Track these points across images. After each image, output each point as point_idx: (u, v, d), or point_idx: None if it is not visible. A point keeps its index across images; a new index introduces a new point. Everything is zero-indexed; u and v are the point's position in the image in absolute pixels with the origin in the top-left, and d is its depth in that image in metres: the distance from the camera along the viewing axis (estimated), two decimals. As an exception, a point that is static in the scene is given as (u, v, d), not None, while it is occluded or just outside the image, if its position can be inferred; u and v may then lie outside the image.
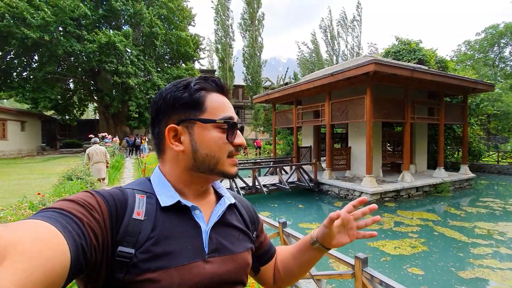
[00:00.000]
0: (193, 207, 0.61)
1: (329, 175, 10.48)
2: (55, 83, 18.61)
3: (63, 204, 0.46)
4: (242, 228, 0.69)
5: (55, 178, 7.16)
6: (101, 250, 0.47)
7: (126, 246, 0.51)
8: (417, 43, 15.32)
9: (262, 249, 0.79)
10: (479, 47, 31.22)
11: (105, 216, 0.50)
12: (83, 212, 0.46)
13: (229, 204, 0.68)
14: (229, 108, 0.65)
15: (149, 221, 0.55)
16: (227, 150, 0.62)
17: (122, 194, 0.56)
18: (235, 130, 0.64)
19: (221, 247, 0.61)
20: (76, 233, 0.42)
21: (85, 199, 0.49)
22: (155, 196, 0.59)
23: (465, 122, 11.92)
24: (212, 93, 0.64)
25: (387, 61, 9.07)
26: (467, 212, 7.84)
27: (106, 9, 19.03)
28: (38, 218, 0.41)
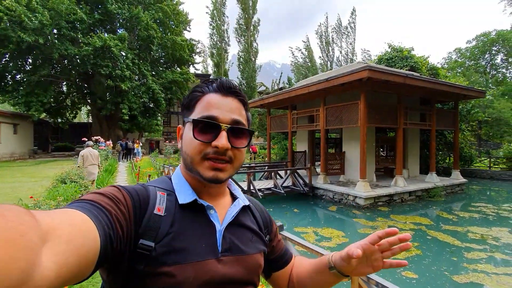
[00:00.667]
0: (209, 206, 0.63)
1: (324, 180, 10.53)
2: (48, 86, 18.39)
3: (94, 197, 0.49)
4: (255, 229, 0.70)
5: (47, 181, 7.04)
6: (125, 241, 0.50)
7: (147, 239, 0.53)
8: (409, 51, 15.63)
9: (275, 253, 0.78)
10: (470, 54, 31.98)
11: (130, 210, 0.53)
12: (111, 204, 0.50)
13: (243, 205, 0.70)
14: (216, 107, 0.62)
15: (168, 217, 0.57)
16: (201, 150, 0.60)
17: (145, 191, 0.60)
18: (210, 130, 0.60)
19: (234, 247, 0.62)
20: (105, 223, 0.45)
21: (113, 192, 0.53)
22: (174, 194, 0.62)
23: (456, 128, 12.16)
24: (209, 94, 0.64)
25: (380, 67, 9.23)
26: (460, 217, 7.94)
27: (102, 12, 18.99)
28: (73, 207, 0.44)
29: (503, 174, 14.86)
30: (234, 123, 0.62)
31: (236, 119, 0.63)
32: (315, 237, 6.40)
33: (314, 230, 6.89)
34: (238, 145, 0.63)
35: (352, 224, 7.59)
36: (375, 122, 9.32)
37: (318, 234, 6.64)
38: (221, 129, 0.60)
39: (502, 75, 31.73)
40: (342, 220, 8.09)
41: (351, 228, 7.20)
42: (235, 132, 0.62)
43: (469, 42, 32.35)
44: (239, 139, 0.63)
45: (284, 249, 0.81)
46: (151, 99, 21.49)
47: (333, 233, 6.66)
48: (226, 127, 0.61)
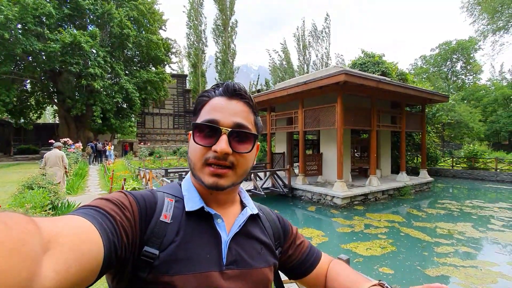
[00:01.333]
0: (216, 215, 0.60)
1: (303, 181, 10.74)
2: (11, 85, 17.01)
3: (100, 203, 0.48)
4: (265, 241, 0.66)
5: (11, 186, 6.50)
6: (130, 248, 0.49)
7: (152, 247, 0.52)
8: (380, 57, 16.43)
9: (292, 261, 0.73)
10: (433, 61, 34.35)
11: (136, 216, 0.52)
12: (117, 211, 0.48)
13: (251, 214, 0.65)
14: (218, 111, 0.60)
15: (174, 225, 0.56)
16: (202, 156, 0.58)
17: (153, 197, 0.58)
18: (211, 134, 0.58)
19: (240, 259, 0.59)
20: (110, 230, 0.44)
21: (119, 198, 0.52)
22: (183, 200, 0.60)
23: (423, 130, 12.98)
24: (215, 98, 0.62)
25: (356, 72, 9.62)
26: (428, 214, 8.47)
27: (71, 7, 17.96)
28: (77, 214, 0.43)
29: (464, 173, 16.07)
30: (236, 126, 0.59)
31: (239, 123, 0.59)
32: (295, 238, 6.49)
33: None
34: (240, 150, 0.58)
35: (330, 223, 7.80)
36: (350, 124, 9.68)
37: (298, 234, 6.74)
38: (221, 133, 0.57)
39: (461, 81, 34.40)
40: (321, 220, 8.30)
41: (330, 228, 7.40)
42: (237, 136, 0.59)
43: (433, 50, 34.74)
44: (242, 143, 0.59)
45: (306, 253, 0.74)
46: (124, 99, 20.64)
47: (313, 233, 6.80)
48: (227, 130, 0.58)
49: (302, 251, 0.74)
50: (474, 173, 15.64)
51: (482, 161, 16.11)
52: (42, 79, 19.39)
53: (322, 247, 5.92)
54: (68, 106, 18.89)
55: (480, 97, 29.77)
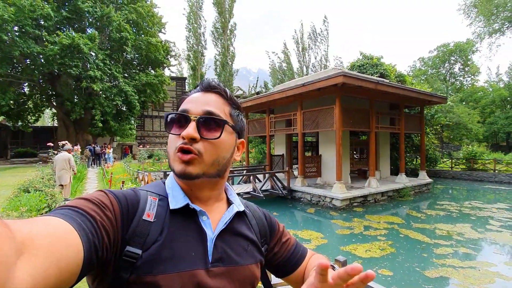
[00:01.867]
0: (201, 212, 0.59)
1: (302, 183, 10.71)
2: (8, 87, 16.99)
3: (79, 203, 0.47)
4: (252, 238, 0.65)
5: (6, 190, 6.46)
6: (111, 249, 0.48)
7: (134, 247, 0.51)
8: (379, 58, 16.50)
9: (278, 259, 0.72)
10: (432, 63, 34.50)
11: (117, 215, 0.51)
12: (97, 210, 0.47)
13: (237, 211, 0.65)
14: (190, 102, 0.61)
15: (158, 224, 0.54)
16: (174, 144, 0.58)
17: (135, 195, 0.57)
18: (182, 123, 0.59)
19: (226, 256, 0.58)
20: (89, 231, 0.43)
21: (99, 198, 0.50)
22: (167, 199, 0.59)
23: (422, 131, 12.99)
24: (194, 93, 0.64)
25: (354, 73, 9.64)
26: (427, 215, 8.45)
27: (70, 10, 17.99)
28: (55, 215, 0.41)
29: (463, 174, 16.07)
30: (205, 113, 0.59)
31: (209, 110, 0.59)
32: (294, 240, 6.46)
33: (294, 233, 6.96)
34: (207, 136, 0.58)
35: (329, 225, 7.77)
36: (349, 126, 9.68)
37: (297, 236, 6.71)
38: (190, 120, 0.58)
39: (460, 83, 34.55)
40: (320, 221, 8.27)
41: (329, 229, 7.37)
42: (205, 122, 0.58)
43: (431, 52, 34.90)
44: (210, 130, 0.58)
45: (291, 250, 0.73)
46: (124, 102, 20.62)
47: (312, 235, 6.77)
48: (195, 117, 0.58)
49: (288, 249, 0.74)
50: (473, 174, 15.65)
51: (481, 162, 16.12)
52: (40, 82, 19.39)
53: (321, 249, 5.89)
54: (67, 109, 18.87)
55: (478, 99, 29.90)
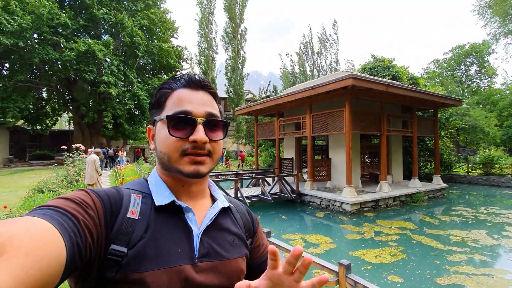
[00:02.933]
0: (187, 208, 0.60)
1: (311, 186, 10.61)
2: (27, 92, 17.71)
3: (59, 202, 0.46)
4: (237, 232, 0.67)
5: (23, 191, 6.69)
6: (95, 248, 0.47)
7: (119, 245, 0.50)
8: (391, 61, 16.22)
9: (258, 259, 0.72)
10: (446, 65, 33.62)
11: (100, 214, 0.50)
12: (79, 210, 0.46)
13: (222, 207, 0.66)
14: (188, 102, 0.61)
15: (143, 221, 0.54)
16: (179, 147, 0.58)
17: (118, 193, 0.57)
18: (185, 125, 0.59)
19: (213, 251, 0.59)
20: (72, 230, 0.42)
21: (80, 197, 0.49)
22: (151, 196, 0.59)
23: (436, 134, 12.65)
24: (179, 90, 0.62)
25: (364, 76, 9.52)
26: (442, 221, 8.18)
27: (86, 18, 18.64)
28: (34, 215, 0.40)
29: (480, 179, 15.50)
30: (209, 116, 0.61)
31: (211, 112, 0.62)
32: (303, 244, 6.39)
33: (302, 237, 6.89)
34: (215, 138, 0.62)
35: (339, 230, 7.64)
36: (359, 129, 9.54)
37: (306, 240, 6.64)
38: (197, 123, 0.59)
39: (476, 85, 33.49)
40: (329, 226, 8.14)
41: (338, 234, 7.25)
42: (210, 124, 0.61)
43: (445, 54, 34.05)
44: (215, 131, 0.63)
45: (266, 256, 0.71)
46: (136, 105, 21.11)
47: (320, 240, 6.67)
48: (202, 120, 0.60)
49: (264, 253, 0.74)
50: (490, 179, 15.06)
51: (498, 167, 15.52)
52: (58, 87, 20.10)
53: (329, 254, 5.80)
54: (82, 113, 19.47)
55: (495, 101, 28.85)
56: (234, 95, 28.61)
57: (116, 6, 19.89)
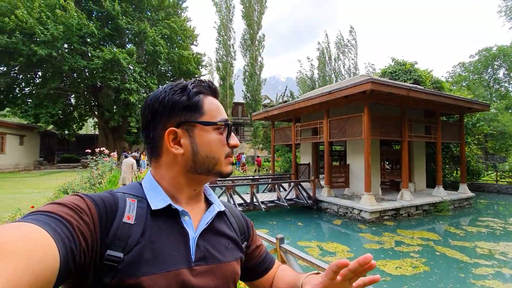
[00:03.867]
0: (183, 212, 0.60)
1: (328, 193, 10.40)
2: (57, 99, 18.84)
3: (52, 207, 0.45)
4: (232, 236, 0.68)
5: (50, 192, 7.07)
6: (90, 254, 0.47)
7: (115, 250, 0.50)
8: (412, 64, 15.72)
9: (252, 260, 0.75)
10: (473, 69, 32.06)
11: (95, 219, 0.50)
12: (73, 215, 0.45)
13: (218, 211, 0.67)
14: (223, 110, 0.67)
15: (139, 225, 0.54)
16: (225, 151, 0.65)
17: (113, 198, 0.56)
18: (225, 130, 0.65)
19: (209, 255, 0.60)
20: (65, 235, 0.41)
21: (74, 202, 0.48)
22: (146, 200, 0.59)
23: (462, 141, 12.04)
24: (208, 96, 0.65)
25: (383, 80, 9.28)
26: (468, 232, 7.73)
27: (112, 28, 19.62)
28: (27, 220, 0.40)
29: (509, 188, 14.54)
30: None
31: None
32: (319, 252, 6.26)
33: (318, 245, 6.75)
34: None
35: (357, 238, 7.42)
36: (379, 135, 9.28)
37: (322, 248, 6.50)
38: (231, 130, 0.66)
39: (505, 89, 31.62)
40: (347, 234, 7.92)
41: (356, 243, 7.04)
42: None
43: (472, 57, 32.52)
44: None
45: (263, 256, 0.78)
46: (157, 111, 21.79)
47: (337, 248, 6.51)
48: (233, 127, 0.67)
49: (260, 254, 0.78)
50: (522, 188, 14.08)
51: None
52: (85, 94, 21.20)
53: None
54: (107, 118, 20.35)
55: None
56: (251, 101, 28.77)
57: (139, 16, 20.80)
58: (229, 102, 28.24)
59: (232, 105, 30.52)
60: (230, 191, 8.77)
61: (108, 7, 18.29)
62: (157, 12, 22.18)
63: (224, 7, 30.14)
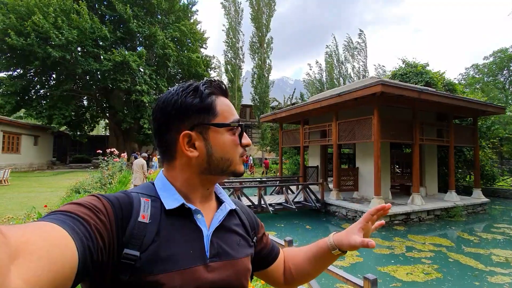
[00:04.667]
0: (196, 210, 0.61)
1: (337, 196, 10.28)
2: (70, 101, 19.30)
3: (71, 207, 0.47)
4: (243, 233, 0.70)
5: (62, 191, 7.21)
6: (107, 252, 0.48)
7: (132, 249, 0.51)
8: (424, 66, 15.42)
9: (263, 251, 0.79)
10: (487, 70, 31.29)
11: (111, 219, 0.51)
12: (90, 214, 0.47)
13: (229, 209, 0.69)
14: (234, 110, 0.67)
15: (154, 224, 0.55)
16: (239, 151, 0.65)
17: (128, 198, 0.57)
18: (237, 130, 0.65)
19: (222, 252, 0.61)
20: (83, 235, 0.43)
21: (91, 202, 0.50)
22: (159, 199, 0.60)
23: (476, 144, 11.72)
24: (220, 97, 0.65)
25: (394, 82, 9.15)
26: (482, 238, 7.50)
27: (124, 31, 20.01)
28: (47, 220, 0.41)
29: (527, 194, 14.04)
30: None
31: None
32: (327, 255, 6.17)
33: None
34: None
35: (366, 243, 7.29)
36: (389, 138, 9.13)
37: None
38: (243, 130, 0.66)
39: (522, 92, 30.70)
40: (356, 238, 7.79)
41: (366, 248, 6.91)
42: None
43: (486, 58, 31.75)
44: None
45: (271, 245, 0.82)
46: (168, 112, 22.10)
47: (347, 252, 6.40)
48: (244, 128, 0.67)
49: (268, 241, 0.82)
50: (541, 195, 13.58)
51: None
52: (97, 95, 21.65)
53: (356, 268, 5.55)
54: (118, 119, 20.72)
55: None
56: (259, 103, 28.82)
57: (150, 20, 21.15)
58: (237, 104, 28.35)
59: (240, 107, 30.63)
60: (238, 193, 8.77)
61: (120, 10, 18.67)
62: (167, 16, 22.52)
63: (232, 10, 30.40)
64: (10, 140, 17.26)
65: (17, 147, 17.95)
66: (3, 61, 17.79)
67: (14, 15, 15.87)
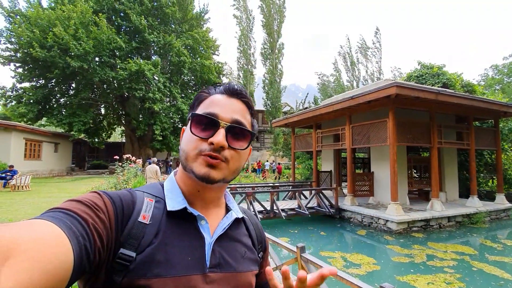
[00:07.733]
0: (199, 216, 0.58)
1: (351, 201, 10.04)
2: (89, 108, 20.02)
3: (69, 205, 0.45)
4: (249, 244, 0.66)
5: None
6: (104, 252, 0.46)
7: (128, 249, 0.49)
8: (440, 67, 15.00)
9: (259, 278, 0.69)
10: (508, 71, 30.12)
11: (111, 217, 0.49)
12: (89, 212, 0.45)
13: (236, 218, 0.65)
14: (219, 106, 0.60)
15: (153, 226, 0.53)
16: (197, 146, 0.57)
17: (131, 196, 0.56)
18: (208, 126, 0.58)
19: (224, 262, 0.57)
20: (80, 234, 0.41)
21: (91, 199, 0.49)
22: (164, 201, 0.58)
23: (498, 147, 11.22)
24: (215, 95, 0.62)
25: (409, 84, 8.91)
26: (507, 246, 7.09)
27: (139, 41, 20.66)
28: (43, 218, 0.40)
29: (558, 200, 13.21)
30: (234, 122, 0.59)
31: (237, 119, 0.60)
32: (343, 263, 6.01)
33: (342, 255, 6.49)
34: (235, 146, 0.58)
35: (384, 250, 7.05)
36: (405, 141, 8.87)
37: (346, 259, 6.23)
38: (219, 126, 0.57)
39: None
40: (372, 246, 7.55)
41: (383, 255, 6.68)
42: (234, 131, 0.59)
43: (505, 59, 30.59)
44: (238, 140, 0.59)
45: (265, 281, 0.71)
46: (180, 119, 22.48)
47: (363, 260, 6.21)
48: (225, 124, 0.58)
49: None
50: None
51: None
52: (113, 103, 22.34)
53: (373, 277, 5.35)
54: (133, 126, 21.26)
55: None
56: (271, 108, 28.84)
57: (164, 29, 21.74)
58: (249, 109, 28.43)
59: (253, 112, 30.74)
60: (250, 198, 8.72)
61: (135, 21, 19.31)
62: (181, 25, 23.09)
63: (244, 17, 30.80)
64: (32, 147, 18.02)
65: (38, 154, 18.70)
66: (26, 72, 18.71)
67: (37, 28, 16.71)
